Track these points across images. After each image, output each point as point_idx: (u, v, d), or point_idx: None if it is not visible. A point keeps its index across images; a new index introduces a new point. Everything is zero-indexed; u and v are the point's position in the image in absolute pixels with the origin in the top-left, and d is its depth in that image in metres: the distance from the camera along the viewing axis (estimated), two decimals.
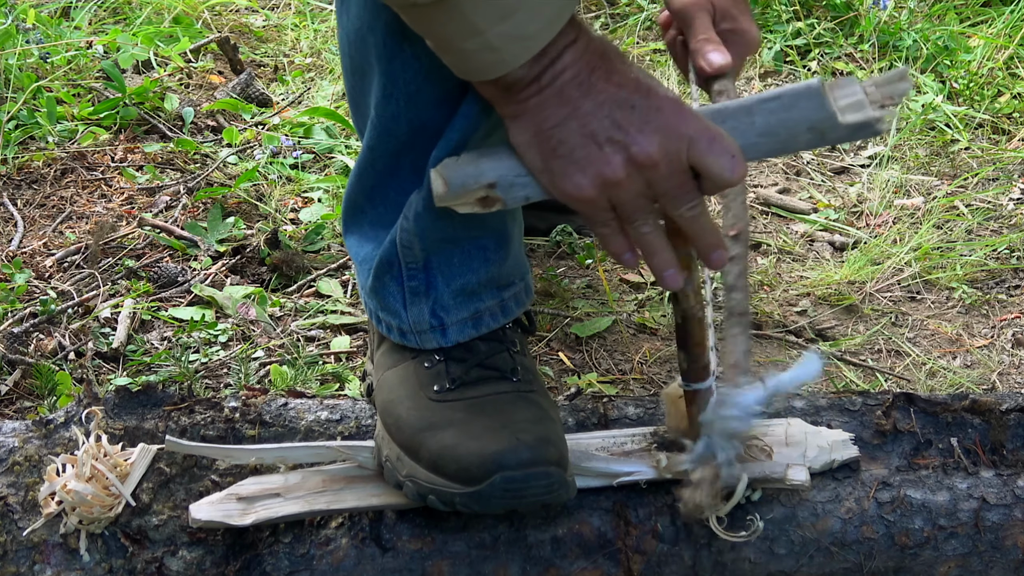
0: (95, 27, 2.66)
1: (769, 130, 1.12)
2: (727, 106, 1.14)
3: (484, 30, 1.05)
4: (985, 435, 1.43)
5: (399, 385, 1.34)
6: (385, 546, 1.31)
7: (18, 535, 1.30)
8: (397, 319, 1.36)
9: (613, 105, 1.08)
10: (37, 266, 1.97)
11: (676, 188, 1.09)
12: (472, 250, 1.33)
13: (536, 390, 1.33)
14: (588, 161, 1.08)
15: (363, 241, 1.38)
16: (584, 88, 1.08)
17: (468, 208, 1.15)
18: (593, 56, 1.08)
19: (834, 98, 1.11)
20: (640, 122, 1.07)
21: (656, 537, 1.34)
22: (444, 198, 1.14)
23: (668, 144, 1.07)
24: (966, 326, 1.94)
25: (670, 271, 1.15)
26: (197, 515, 1.29)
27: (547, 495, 1.24)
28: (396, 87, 1.23)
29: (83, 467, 1.31)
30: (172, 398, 1.43)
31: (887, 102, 1.11)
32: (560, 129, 1.09)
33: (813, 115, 1.11)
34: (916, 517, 1.36)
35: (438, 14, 1.05)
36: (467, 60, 1.09)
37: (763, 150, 1.14)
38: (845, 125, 1.11)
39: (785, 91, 1.12)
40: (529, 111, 1.09)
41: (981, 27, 2.75)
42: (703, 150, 1.08)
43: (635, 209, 1.11)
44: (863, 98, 1.11)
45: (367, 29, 1.23)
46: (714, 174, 1.09)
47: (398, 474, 1.28)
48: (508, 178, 1.13)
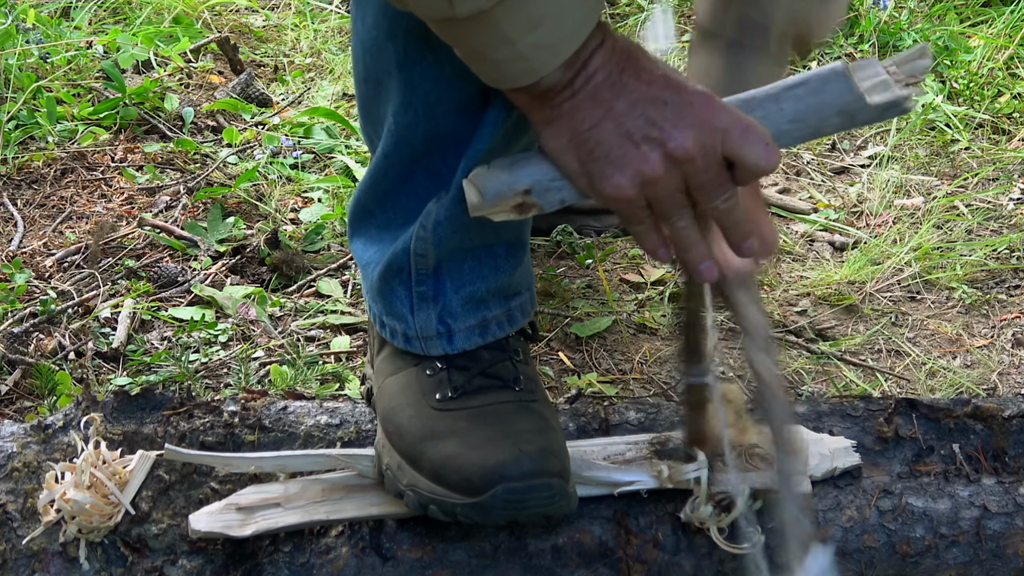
0: (95, 27, 2.66)
1: (799, 116, 1.12)
2: (754, 95, 1.13)
3: (515, 40, 1.05)
4: (987, 441, 1.43)
5: (400, 393, 1.34)
6: (385, 555, 1.31)
7: (17, 543, 1.30)
8: (403, 324, 1.36)
9: (646, 103, 1.07)
10: (37, 266, 1.97)
11: (712, 181, 1.10)
12: (483, 258, 1.33)
13: (538, 399, 1.33)
14: (626, 160, 1.08)
15: (369, 244, 1.37)
16: (616, 88, 1.08)
17: (504, 216, 1.14)
18: (621, 56, 1.09)
19: (858, 80, 1.11)
20: (674, 117, 1.07)
21: (657, 546, 1.33)
22: (480, 207, 1.13)
23: (703, 137, 1.07)
24: (966, 326, 1.94)
25: (706, 263, 1.15)
26: (196, 526, 1.28)
27: (549, 506, 1.23)
28: (415, 95, 1.23)
29: (82, 475, 1.30)
30: (171, 401, 1.43)
31: (910, 80, 1.11)
32: (596, 131, 1.08)
33: (841, 98, 1.11)
34: (917, 525, 1.36)
35: (471, 26, 1.05)
36: (498, 69, 1.08)
37: (794, 136, 1.14)
38: (874, 106, 1.11)
39: (811, 76, 1.12)
40: (564, 115, 1.09)
41: (981, 27, 2.75)
42: (737, 141, 1.08)
43: (672, 204, 1.11)
44: (887, 78, 1.11)
45: (385, 37, 1.23)
46: (750, 163, 1.09)
47: (399, 483, 1.28)
48: (543, 183, 1.13)
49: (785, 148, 1.15)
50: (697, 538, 1.33)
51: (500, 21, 1.04)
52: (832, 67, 1.12)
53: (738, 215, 1.13)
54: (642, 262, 2.03)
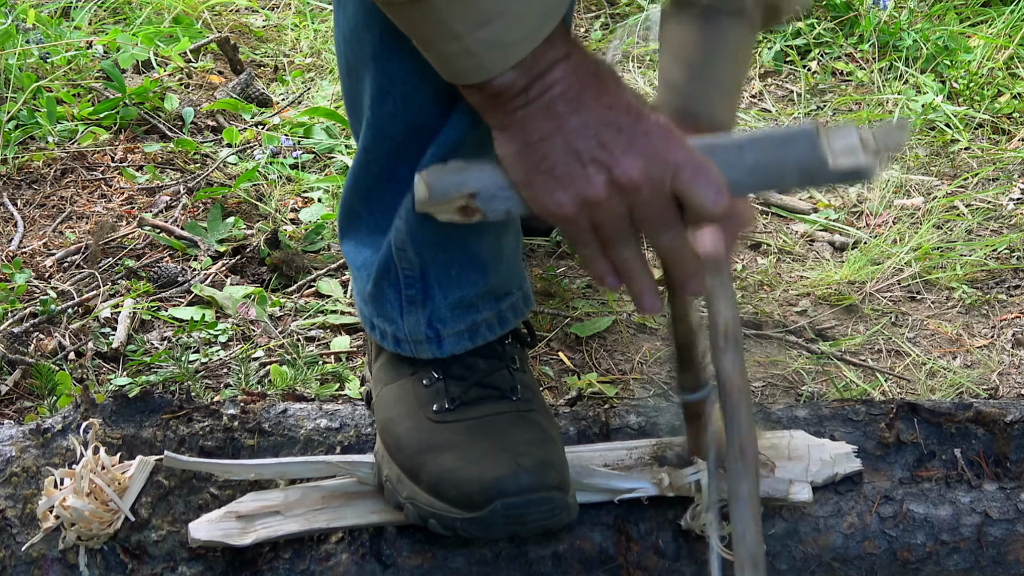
0: (95, 27, 2.66)
1: (758, 167, 1.11)
2: (719, 140, 1.12)
3: (462, 34, 1.03)
4: (989, 446, 1.43)
5: (397, 403, 1.34)
6: (385, 562, 1.31)
7: (17, 550, 1.30)
8: (393, 326, 1.35)
9: (600, 125, 1.06)
10: (37, 266, 1.97)
11: (658, 215, 1.08)
12: (469, 262, 1.33)
13: (536, 408, 1.33)
14: (570, 178, 1.07)
15: (360, 247, 1.37)
16: (572, 105, 1.06)
17: (448, 216, 1.13)
18: (585, 74, 1.07)
19: (829, 142, 1.10)
20: (626, 144, 1.06)
21: (658, 553, 1.33)
22: (425, 204, 1.12)
23: (652, 169, 1.05)
24: (966, 326, 1.94)
25: (649, 296, 1.12)
26: (196, 534, 1.28)
27: (548, 520, 1.23)
28: (393, 85, 1.23)
29: (81, 482, 1.30)
30: (170, 404, 1.42)
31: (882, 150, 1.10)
32: (545, 144, 1.07)
33: (804, 157, 1.10)
34: (918, 532, 1.36)
35: (416, 14, 1.04)
36: (447, 63, 1.07)
37: (751, 186, 1.13)
38: (835, 169, 1.09)
39: (779, 131, 1.12)
40: (516, 123, 1.08)
41: (981, 27, 2.75)
42: (687, 180, 1.06)
43: (616, 232, 1.09)
44: (857, 143, 1.10)
45: (363, 27, 1.22)
46: (696, 205, 1.07)
47: (399, 495, 1.28)
48: (490, 190, 1.11)
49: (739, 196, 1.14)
50: (697, 545, 1.33)
51: (443, 11, 1.02)
52: (803, 126, 1.11)
53: (685, 253, 1.11)
54: None
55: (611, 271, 1.12)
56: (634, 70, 2.64)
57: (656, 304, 1.13)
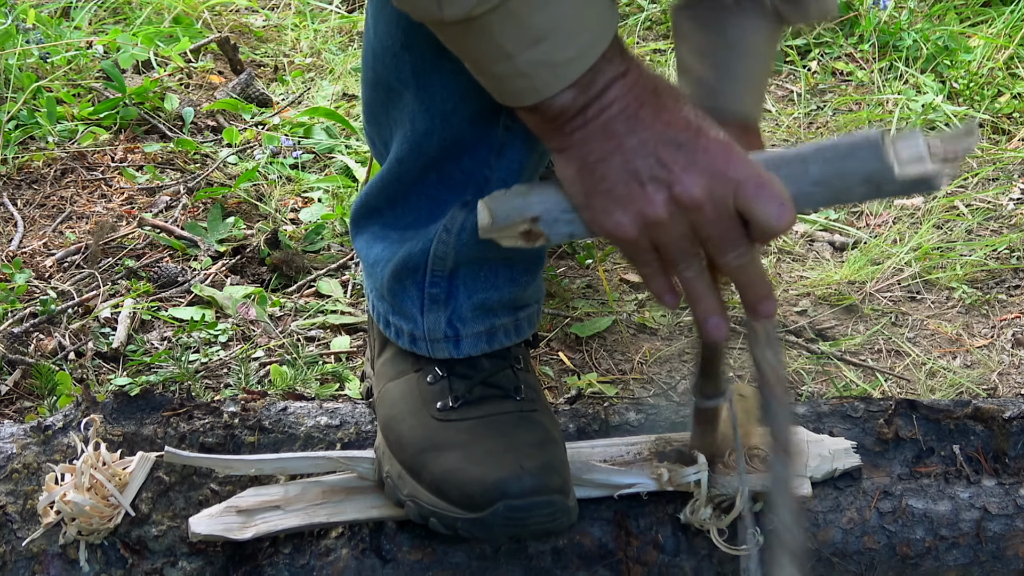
0: (95, 27, 2.66)
1: (824, 180, 1.09)
2: (783, 154, 1.11)
3: (514, 55, 1.03)
4: (988, 443, 1.43)
5: (401, 400, 1.33)
6: (385, 557, 1.31)
7: (17, 545, 1.30)
8: (411, 324, 1.35)
9: (659, 143, 1.04)
10: (37, 266, 1.97)
11: (722, 233, 1.06)
12: (500, 269, 1.32)
13: (539, 409, 1.33)
14: (630, 199, 1.05)
15: (374, 241, 1.37)
16: (631, 123, 1.05)
17: (511, 242, 1.12)
18: (643, 91, 1.05)
19: (895, 150, 1.08)
20: (686, 162, 1.04)
21: (657, 548, 1.33)
22: (488, 230, 1.12)
23: (714, 186, 1.04)
24: (966, 326, 1.94)
25: (714, 319, 1.11)
26: (197, 529, 1.28)
27: (550, 523, 1.23)
28: (433, 103, 1.22)
29: (82, 477, 1.30)
30: (171, 402, 1.43)
31: (949, 157, 1.08)
32: (603, 164, 1.06)
33: (869, 167, 1.08)
34: (918, 527, 1.36)
35: (468, 35, 1.04)
36: (500, 84, 1.07)
37: (816, 199, 1.11)
38: (901, 179, 1.08)
39: (843, 140, 1.10)
40: (574, 144, 1.07)
41: (981, 27, 2.75)
42: (750, 195, 1.04)
43: (678, 251, 1.07)
44: (924, 151, 1.08)
45: (402, 47, 1.22)
46: (761, 221, 1.05)
47: (400, 492, 1.28)
48: (553, 213, 1.11)
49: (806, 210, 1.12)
50: (697, 540, 1.33)
51: (494, 31, 1.02)
52: (867, 133, 1.09)
53: (753, 273, 1.09)
54: None
55: (670, 290, 1.11)
56: None
57: (722, 329, 1.11)
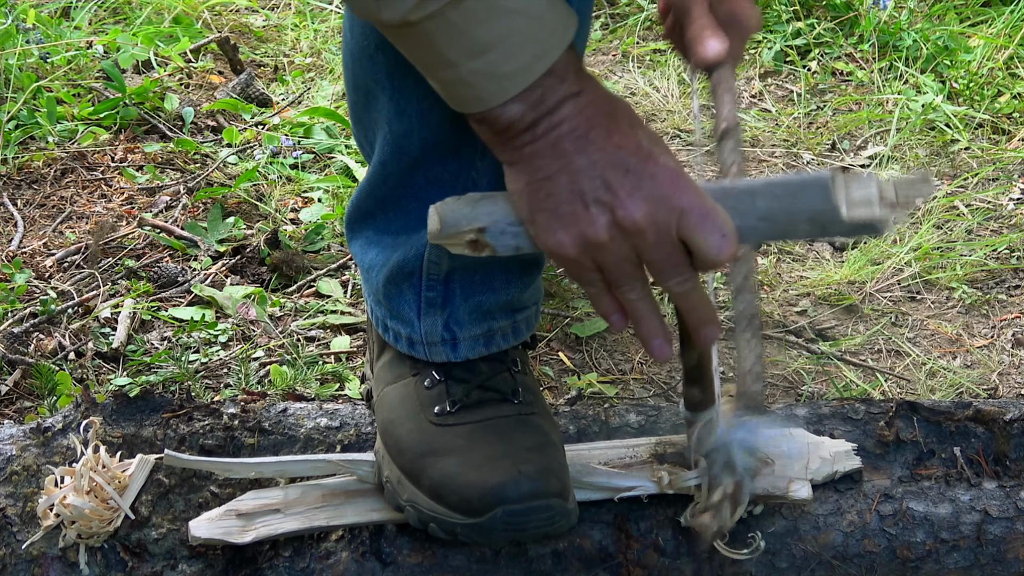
0: (95, 27, 2.66)
1: (770, 215, 1.09)
2: (732, 186, 1.11)
3: (456, 63, 1.03)
4: (988, 445, 1.43)
5: (399, 405, 1.33)
6: (385, 560, 1.31)
7: (17, 548, 1.30)
8: (408, 328, 1.35)
9: (607, 165, 1.05)
10: (37, 266, 1.97)
11: (664, 259, 1.07)
12: (496, 271, 1.32)
13: (537, 412, 1.33)
14: (573, 219, 1.06)
15: (368, 246, 1.37)
16: (580, 143, 1.05)
17: (458, 250, 1.12)
18: (596, 113, 1.06)
19: (846, 191, 1.08)
20: (631, 187, 1.04)
21: (657, 551, 1.33)
22: (436, 236, 1.12)
23: (657, 213, 1.04)
24: (966, 326, 1.94)
25: (657, 341, 1.11)
26: (197, 532, 1.28)
27: (549, 527, 1.23)
28: (409, 103, 1.22)
29: (81, 480, 1.30)
30: (171, 404, 1.43)
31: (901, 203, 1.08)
32: (549, 182, 1.06)
33: (816, 206, 1.08)
34: (918, 530, 1.36)
35: (409, 40, 1.04)
36: (446, 90, 1.07)
37: (761, 234, 1.11)
38: (847, 221, 1.07)
39: (793, 178, 1.10)
40: (523, 159, 1.07)
41: (981, 27, 2.75)
42: (692, 225, 1.05)
43: (621, 274, 1.08)
44: (874, 195, 1.08)
45: (376, 48, 1.22)
46: (701, 251, 1.05)
47: (399, 497, 1.28)
48: (500, 225, 1.11)
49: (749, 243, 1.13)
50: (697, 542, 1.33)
51: (433, 39, 1.02)
52: (819, 174, 1.09)
53: (694, 299, 1.10)
54: None
55: (616, 309, 1.11)
56: (634, 70, 2.64)
57: (665, 350, 1.11)
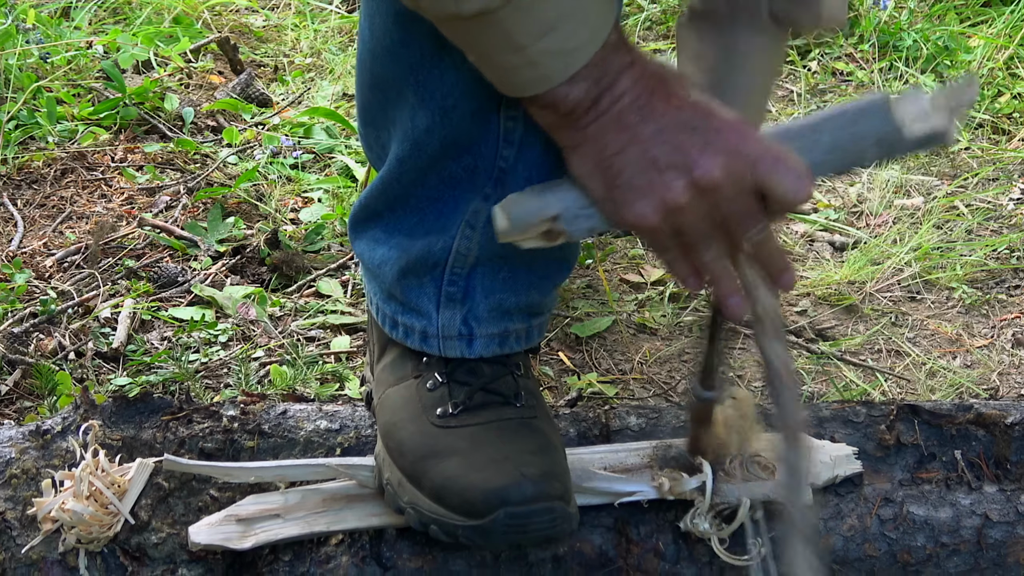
0: (95, 27, 2.66)
1: (837, 146, 1.10)
2: (792, 126, 1.12)
3: (525, 45, 1.03)
4: (989, 448, 1.42)
5: (401, 407, 1.33)
6: (386, 564, 1.31)
7: (17, 552, 1.30)
8: (424, 321, 1.34)
9: (673, 128, 1.05)
10: (37, 266, 1.97)
11: (741, 211, 1.07)
12: (520, 271, 1.32)
13: (539, 415, 1.32)
14: (650, 187, 1.06)
15: (376, 244, 1.36)
16: (644, 112, 1.06)
17: (533, 243, 1.13)
18: (651, 79, 1.06)
19: (901, 110, 1.09)
20: (701, 144, 1.05)
21: (658, 556, 1.33)
22: (507, 233, 1.13)
23: (731, 165, 1.05)
24: (966, 326, 1.94)
25: (734, 298, 1.12)
26: (196, 538, 1.28)
27: (550, 530, 1.23)
28: (432, 99, 1.22)
29: (81, 484, 1.30)
30: (170, 406, 1.42)
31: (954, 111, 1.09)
32: (620, 156, 1.06)
33: (880, 128, 1.09)
34: (918, 534, 1.36)
35: (479, 28, 1.04)
36: (509, 75, 1.07)
37: (832, 167, 1.12)
38: (912, 137, 1.09)
39: (850, 106, 1.11)
40: (589, 139, 1.07)
41: (981, 27, 2.75)
42: (767, 170, 1.05)
43: (698, 234, 1.08)
44: (928, 108, 1.09)
45: (399, 44, 1.21)
46: (779, 195, 1.06)
47: (400, 500, 1.27)
48: (572, 210, 1.11)
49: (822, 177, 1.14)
50: (698, 547, 1.33)
51: (508, 24, 1.02)
52: (873, 97, 1.11)
53: (772, 247, 1.11)
54: (642, 262, 2.03)
55: (693, 272, 1.12)
56: None
57: (743, 307, 1.12)
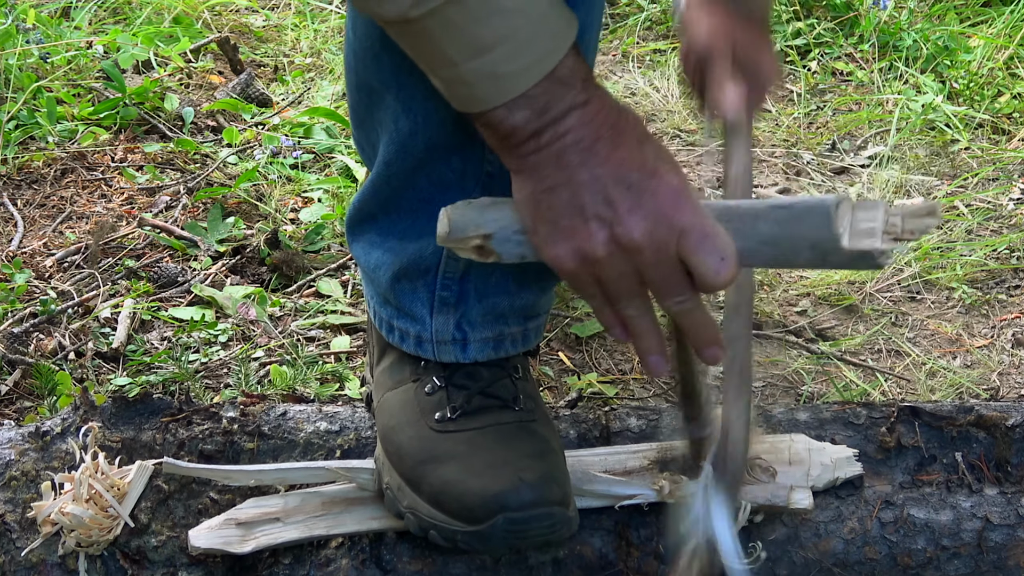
0: (95, 27, 2.66)
1: (772, 239, 1.07)
2: (737, 206, 1.10)
3: (456, 62, 1.03)
4: (990, 450, 1.42)
5: (400, 411, 1.33)
6: (386, 567, 1.31)
7: (16, 555, 1.30)
8: (418, 326, 1.34)
9: (609, 180, 1.04)
10: (37, 266, 1.97)
11: (664, 279, 1.05)
12: (511, 274, 1.32)
13: (538, 419, 1.32)
14: (572, 232, 1.05)
15: (371, 248, 1.36)
16: (584, 156, 1.04)
17: (465, 254, 1.13)
18: (602, 125, 1.05)
19: (852, 219, 1.06)
20: (632, 203, 1.03)
21: (658, 558, 1.33)
22: (444, 239, 1.12)
23: (656, 231, 1.03)
24: (966, 326, 1.94)
25: (654, 357, 1.10)
26: (196, 542, 1.28)
27: (550, 535, 1.23)
28: (415, 103, 1.22)
29: (80, 488, 1.30)
30: (170, 407, 1.42)
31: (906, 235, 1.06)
32: (551, 194, 1.05)
33: (817, 234, 1.05)
34: (919, 537, 1.36)
35: (409, 36, 1.04)
36: (446, 87, 1.07)
37: (762, 258, 1.09)
38: (847, 251, 1.05)
39: (798, 202, 1.08)
40: (528, 168, 1.06)
41: (981, 27, 2.75)
42: (693, 245, 1.03)
43: (619, 290, 1.07)
44: (878, 226, 1.05)
45: (380, 47, 1.21)
46: (699, 272, 1.04)
47: (399, 504, 1.27)
48: (506, 232, 1.11)
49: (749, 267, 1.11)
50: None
51: (434, 37, 1.02)
52: (823, 198, 1.07)
53: (696, 319, 1.08)
54: None
55: (618, 323, 1.10)
56: (634, 70, 2.64)
57: (662, 366, 1.11)
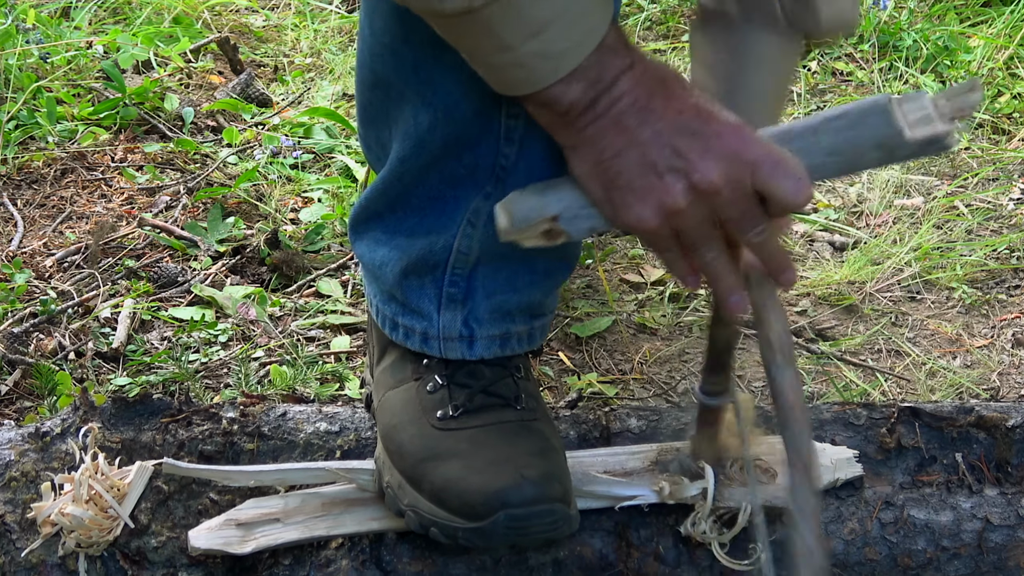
0: (95, 27, 2.66)
1: (836, 149, 1.09)
2: (792, 127, 1.11)
3: (513, 46, 1.03)
4: (990, 451, 1.42)
5: (401, 409, 1.33)
6: (386, 568, 1.31)
7: (16, 556, 1.30)
8: (425, 323, 1.34)
9: (673, 132, 1.05)
10: (37, 266, 1.97)
11: (741, 214, 1.07)
12: (520, 271, 1.32)
13: (539, 418, 1.32)
14: (649, 191, 1.06)
15: (376, 245, 1.36)
16: (642, 115, 1.05)
17: (533, 242, 1.13)
18: (651, 82, 1.06)
19: (902, 113, 1.08)
20: (701, 148, 1.05)
21: (658, 559, 1.33)
22: (508, 232, 1.12)
23: (731, 170, 1.05)
24: (966, 326, 1.94)
25: (735, 296, 1.12)
26: (196, 543, 1.28)
27: (551, 532, 1.23)
28: (436, 96, 1.21)
29: (80, 488, 1.30)
30: (170, 408, 1.42)
31: (957, 115, 1.08)
32: (619, 159, 1.06)
33: (880, 132, 1.07)
34: (919, 538, 1.36)
35: (467, 26, 1.04)
36: (499, 74, 1.07)
37: (831, 170, 1.11)
38: (913, 141, 1.07)
39: (851, 108, 1.09)
40: (587, 141, 1.07)
41: (981, 27, 2.75)
42: (767, 174, 1.05)
43: (698, 236, 1.09)
44: (931, 112, 1.07)
45: (400, 42, 1.21)
46: (779, 198, 1.06)
47: (400, 502, 1.27)
48: (572, 210, 1.11)
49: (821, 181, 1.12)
50: (698, 551, 1.33)
51: (494, 24, 1.02)
52: (875, 99, 1.09)
53: (773, 246, 1.10)
54: (642, 262, 2.03)
55: (692, 271, 1.12)
56: None
57: (742, 303, 1.12)
